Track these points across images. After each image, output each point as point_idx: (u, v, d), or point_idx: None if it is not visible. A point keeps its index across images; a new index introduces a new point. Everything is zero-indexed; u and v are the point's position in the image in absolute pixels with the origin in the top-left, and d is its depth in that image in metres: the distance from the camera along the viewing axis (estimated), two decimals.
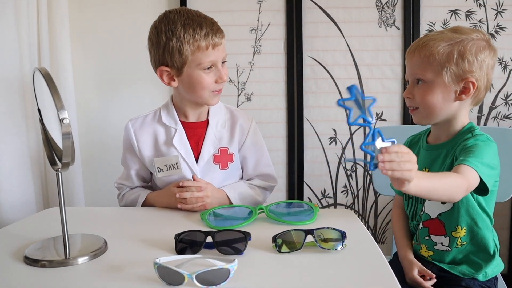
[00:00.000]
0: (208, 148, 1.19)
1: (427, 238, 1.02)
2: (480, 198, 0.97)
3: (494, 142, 0.96)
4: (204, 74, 1.11)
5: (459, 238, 0.98)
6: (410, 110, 1.02)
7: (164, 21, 1.11)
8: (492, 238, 0.99)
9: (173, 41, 1.08)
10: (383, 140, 0.75)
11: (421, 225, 1.03)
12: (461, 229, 0.97)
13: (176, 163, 1.16)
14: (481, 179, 0.87)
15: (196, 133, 1.20)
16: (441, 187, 0.85)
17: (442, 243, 1.00)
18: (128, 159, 1.23)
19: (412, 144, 1.13)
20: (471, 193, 0.91)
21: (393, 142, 0.75)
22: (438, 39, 0.96)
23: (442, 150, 1.01)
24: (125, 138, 1.23)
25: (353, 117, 0.74)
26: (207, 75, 1.12)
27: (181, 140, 1.18)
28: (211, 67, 1.12)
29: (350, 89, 0.75)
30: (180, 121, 1.20)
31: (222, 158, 1.20)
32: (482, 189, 0.89)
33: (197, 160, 1.18)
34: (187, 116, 1.20)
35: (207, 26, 1.10)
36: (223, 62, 1.15)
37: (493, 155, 0.93)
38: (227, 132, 1.22)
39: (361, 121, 0.74)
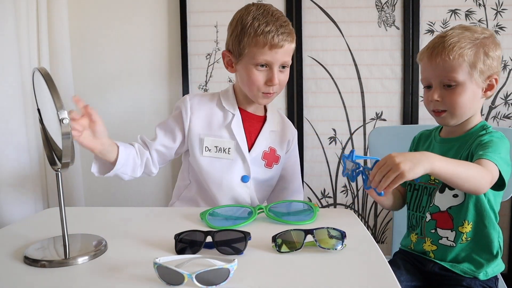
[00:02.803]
0: (262, 142, 1.21)
1: (433, 231, 1.02)
2: (490, 195, 0.98)
3: (507, 139, 0.97)
4: (256, 71, 1.12)
5: (465, 234, 0.98)
6: (435, 113, 1.02)
7: (243, 11, 1.14)
8: (497, 239, 1.00)
9: (239, 30, 1.11)
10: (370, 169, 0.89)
11: (428, 218, 1.02)
12: (468, 224, 0.98)
13: (229, 148, 1.17)
14: (499, 174, 0.89)
15: (251, 125, 1.22)
16: (464, 174, 0.85)
17: (447, 238, 1.00)
18: (163, 130, 1.19)
19: (423, 137, 1.15)
20: None
21: (376, 161, 0.88)
22: (461, 40, 0.96)
23: (455, 143, 1.02)
24: (177, 109, 1.21)
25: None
26: (259, 72, 1.12)
27: (238, 125, 1.19)
28: (265, 66, 1.12)
29: (343, 160, 0.97)
30: (239, 108, 1.21)
31: (270, 157, 1.23)
32: (497, 184, 0.90)
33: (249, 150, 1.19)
34: (245, 106, 1.22)
35: (273, 25, 1.09)
36: (283, 67, 1.14)
37: (508, 152, 0.95)
38: (277, 135, 1.25)
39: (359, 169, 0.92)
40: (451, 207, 0.99)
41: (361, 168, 0.92)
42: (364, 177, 0.91)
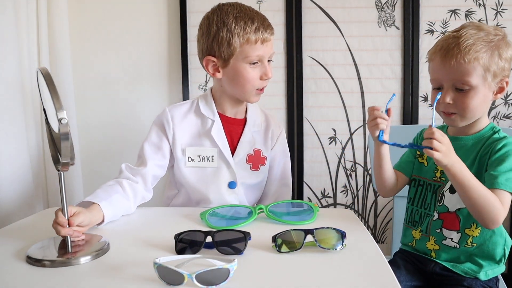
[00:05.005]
0: (245, 146, 1.19)
1: (438, 230, 1.01)
2: None
3: None
4: (250, 68, 1.12)
5: (471, 237, 0.98)
6: (445, 114, 1.00)
7: (217, 12, 1.12)
8: (502, 246, 0.99)
9: (224, 31, 1.09)
10: None
11: (436, 216, 1.02)
12: (476, 228, 0.97)
13: (212, 156, 1.16)
14: None
15: (233, 129, 1.20)
16: (477, 190, 0.87)
17: (452, 239, 0.99)
18: (152, 149, 1.15)
19: None
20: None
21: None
22: (476, 42, 0.94)
23: (465, 143, 1.01)
24: (158, 123, 1.18)
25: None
26: (253, 70, 1.12)
27: (218, 132, 1.17)
28: (257, 62, 1.12)
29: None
30: (218, 113, 1.19)
31: (255, 159, 1.20)
32: None
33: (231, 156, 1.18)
34: (224, 110, 1.20)
35: (258, 21, 1.11)
36: (269, 60, 1.15)
37: None
38: (261, 135, 1.23)
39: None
40: (460, 208, 0.98)
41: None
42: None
